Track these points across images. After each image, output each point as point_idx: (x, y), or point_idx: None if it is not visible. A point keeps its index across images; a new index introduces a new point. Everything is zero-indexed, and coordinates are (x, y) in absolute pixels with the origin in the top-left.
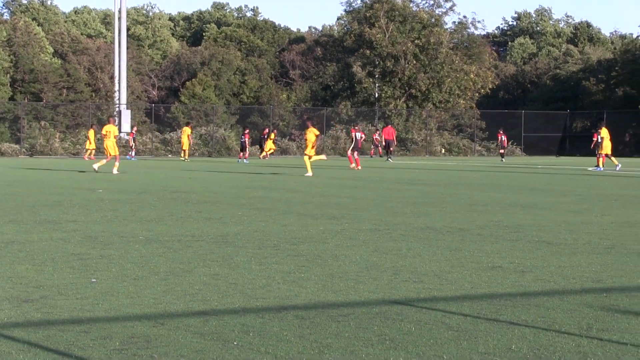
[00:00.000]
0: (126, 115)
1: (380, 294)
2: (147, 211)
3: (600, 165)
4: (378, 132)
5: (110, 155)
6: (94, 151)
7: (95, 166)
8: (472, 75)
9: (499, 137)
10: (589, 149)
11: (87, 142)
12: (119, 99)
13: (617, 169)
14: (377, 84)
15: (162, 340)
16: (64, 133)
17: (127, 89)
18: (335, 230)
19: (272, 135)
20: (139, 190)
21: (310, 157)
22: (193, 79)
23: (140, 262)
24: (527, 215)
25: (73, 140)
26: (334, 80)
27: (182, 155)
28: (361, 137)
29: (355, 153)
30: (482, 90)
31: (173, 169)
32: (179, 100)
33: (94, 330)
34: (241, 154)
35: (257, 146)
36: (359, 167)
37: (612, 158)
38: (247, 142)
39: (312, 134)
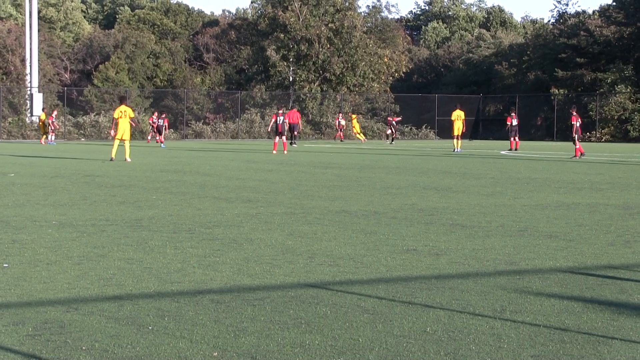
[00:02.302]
0: (38, 99)
1: (296, 277)
2: (60, 195)
3: (514, 147)
4: (341, 115)
5: None
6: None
7: None
8: (386, 59)
9: (393, 122)
10: (502, 133)
11: (44, 126)
12: (30, 82)
13: (455, 151)
14: (291, 68)
15: (76, 325)
16: None
17: (38, 72)
18: (251, 213)
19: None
20: (52, 174)
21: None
22: (106, 62)
23: (53, 246)
24: (442, 199)
25: None
26: (248, 63)
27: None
28: (282, 121)
29: (284, 137)
30: (396, 74)
31: (86, 153)
32: (92, 84)
33: (7, 316)
34: (160, 137)
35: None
36: (276, 152)
37: (458, 141)
38: (166, 126)
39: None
